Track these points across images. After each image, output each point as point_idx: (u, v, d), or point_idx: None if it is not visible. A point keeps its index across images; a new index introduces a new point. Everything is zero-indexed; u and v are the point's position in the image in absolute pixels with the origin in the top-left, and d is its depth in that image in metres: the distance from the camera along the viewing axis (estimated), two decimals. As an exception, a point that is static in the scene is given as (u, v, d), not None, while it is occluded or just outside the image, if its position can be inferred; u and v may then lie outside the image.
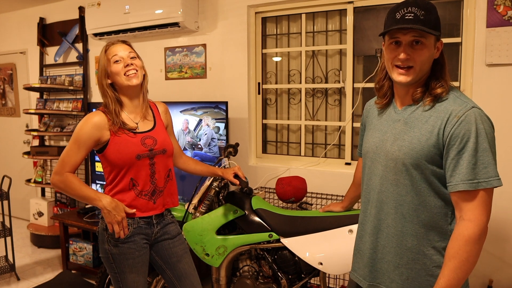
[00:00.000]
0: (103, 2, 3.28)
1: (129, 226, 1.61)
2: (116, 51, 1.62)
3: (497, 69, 2.24)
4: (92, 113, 1.61)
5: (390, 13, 1.17)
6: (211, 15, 3.09)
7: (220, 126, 2.81)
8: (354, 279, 1.36)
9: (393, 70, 1.18)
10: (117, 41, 1.67)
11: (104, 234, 1.62)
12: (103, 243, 1.63)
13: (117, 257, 1.61)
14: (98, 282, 2.30)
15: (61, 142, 4.11)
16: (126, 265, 1.62)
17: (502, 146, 2.25)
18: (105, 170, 1.66)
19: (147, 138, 1.64)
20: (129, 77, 1.60)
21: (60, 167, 1.57)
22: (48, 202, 3.77)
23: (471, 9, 2.32)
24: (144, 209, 1.65)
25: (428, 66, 1.17)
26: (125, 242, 1.60)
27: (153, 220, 1.68)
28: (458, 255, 1.07)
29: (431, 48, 1.14)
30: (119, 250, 1.60)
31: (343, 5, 2.72)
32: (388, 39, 1.18)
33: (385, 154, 1.22)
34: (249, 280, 2.03)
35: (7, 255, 3.19)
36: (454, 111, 1.11)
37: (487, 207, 1.09)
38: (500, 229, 2.30)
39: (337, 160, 2.87)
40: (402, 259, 1.20)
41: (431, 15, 1.12)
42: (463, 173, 1.08)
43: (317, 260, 1.88)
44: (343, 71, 2.81)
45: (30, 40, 4.19)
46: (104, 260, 1.65)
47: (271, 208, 2.02)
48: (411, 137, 1.16)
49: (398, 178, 1.19)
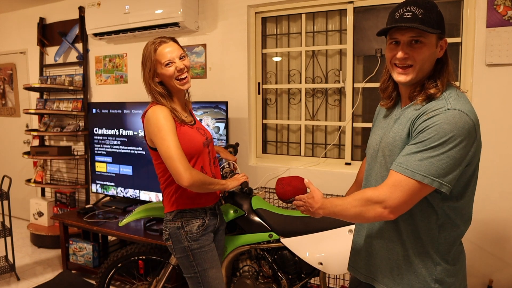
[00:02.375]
0: (103, 2, 3.28)
1: (204, 218, 1.64)
2: (167, 53, 1.57)
3: (497, 69, 2.24)
4: (157, 107, 1.55)
5: (390, 13, 1.18)
6: (211, 15, 3.09)
7: (220, 126, 2.81)
8: (351, 271, 1.39)
9: (393, 69, 1.19)
10: (165, 38, 1.61)
11: (179, 233, 1.61)
12: (179, 242, 1.61)
13: (197, 252, 1.60)
14: (98, 282, 2.30)
15: (61, 142, 4.11)
16: (207, 259, 1.62)
17: (502, 146, 2.25)
18: None
19: (199, 129, 1.67)
20: (182, 82, 1.60)
21: (184, 162, 1.48)
22: (48, 202, 3.77)
23: (471, 9, 2.32)
24: (211, 198, 1.68)
25: (429, 65, 1.15)
26: (203, 234, 1.62)
27: (216, 210, 1.72)
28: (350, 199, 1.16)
29: (431, 46, 1.13)
30: (199, 244, 1.60)
31: (343, 5, 2.72)
32: (389, 39, 1.19)
33: (378, 151, 1.25)
34: (249, 280, 2.03)
35: (7, 255, 3.19)
36: (430, 109, 1.09)
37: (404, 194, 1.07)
38: (500, 229, 2.30)
39: (337, 160, 2.87)
40: (393, 255, 1.22)
41: (431, 13, 1.11)
42: (401, 156, 1.10)
43: (317, 260, 1.88)
44: (343, 71, 2.81)
45: (30, 40, 4.19)
46: (184, 261, 1.62)
47: (271, 208, 2.03)
48: (394, 133, 1.18)
49: (387, 174, 1.19)
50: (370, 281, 1.30)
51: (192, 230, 1.60)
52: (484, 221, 2.32)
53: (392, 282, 1.22)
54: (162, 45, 1.58)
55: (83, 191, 3.93)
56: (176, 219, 1.62)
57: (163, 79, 1.60)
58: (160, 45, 1.58)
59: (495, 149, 2.24)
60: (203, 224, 1.64)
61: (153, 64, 1.58)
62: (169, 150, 1.48)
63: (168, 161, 1.49)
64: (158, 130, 1.50)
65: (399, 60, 1.14)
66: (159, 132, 1.50)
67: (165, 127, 1.50)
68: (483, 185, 2.31)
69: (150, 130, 1.54)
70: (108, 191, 3.35)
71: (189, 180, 1.48)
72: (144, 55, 1.61)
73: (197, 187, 1.53)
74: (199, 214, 1.64)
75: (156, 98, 1.59)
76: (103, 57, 3.74)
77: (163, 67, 1.57)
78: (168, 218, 1.64)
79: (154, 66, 1.58)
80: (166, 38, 1.61)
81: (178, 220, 1.61)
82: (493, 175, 2.25)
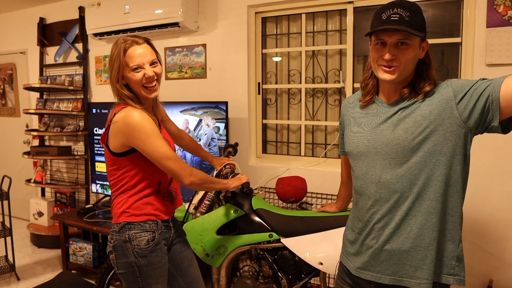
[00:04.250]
0: (103, 2, 3.28)
1: (154, 232, 1.50)
2: (137, 56, 1.43)
3: (497, 69, 2.24)
4: (133, 110, 1.43)
5: (376, 14, 1.19)
6: (211, 15, 3.10)
7: (220, 126, 2.81)
8: (373, 279, 1.38)
9: (378, 68, 1.21)
10: (139, 39, 1.46)
11: (126, 246, 1.47)
12: (125, 257, 1.47)
13: (144, 269, 1.47)
14: (98, 282, 2.30)
15: (61, 142, 4.11)
16: (153, 276, 1.49)
17: (502, 146, 2.25)
18: (126, 174, 1.49)
19: (165, 138, 1.53)
20: (149, 90, 1.47)
21: (182, 161, 1.44)
22: (48, 202, 3.77)
23: (471, 9, 2.32)
24: (167, 211, 1.57)
25: (412, 65, 1.20)
26: (153, 250, 1.49)
27: (170, 222, 1.60)
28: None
29: (416, 48, 1.17)
30: (147, 261, 1.48)
31: (343, 5, 2.73)
32: (374, 39, 1.21)
33: (386, 144, 1.22)
34: (249, 280, 2.03)
35: (7, 255, 3.19)
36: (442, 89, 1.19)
37: None
38: (500, 229, 2.30)
39: (337, 160, 2.87)
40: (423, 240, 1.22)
41: (416, 16, 1.14)
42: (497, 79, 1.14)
43: (317, 260, 1.88)
44: (343, 71, 2.81)
45: (30, 40, 4.19)
46: (127, 276, 1.49)
47: (271, 208, 2.03)
48: (412, 120, 1.19)
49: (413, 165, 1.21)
50: (397, 282, 1.23)
51: (140, 245, 1.46)
52: (484, 221, 2.32)
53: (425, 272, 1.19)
54: (133, 46, 1.43)
55: (83, 191, 3.93)
56: (123, 231, 1.47)
57: (129, 84, 1.47)
58: (131, 46, 1.43)
59: (495, 149, 2.24)
60: (153, 238, 1.49)
61: (121, 66, 1.43)
62: (165, 150, 1.42)
63: (167, 162, 1.42)
64: (147, 135, 1.40)
65: (386, 61, 1.18)
66: (148, 138, 1.40)
67: (154, 132, 1.41)
68: (483, 185, 2.32)
69: (133, 135, 1.40)
70: (108, 191, 3.34)
71: (191, 177, 1.44)
72: (112, 53, 1.45)
73: (198, 185, 1.50)
74: (149, 227, 1.49)
75: (126, 102, 1.47)
76: (103, 57, 3.74)
77: (130, 72, 1.44)
78: (114, 229, 1.50)
79: (121, 68, 1.44)
80: (139, 38, 1.46)
81: (126, 232, 1.47)
82: (493, 175, 2.26)
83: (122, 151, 1.46)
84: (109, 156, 1.51)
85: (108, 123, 1.48)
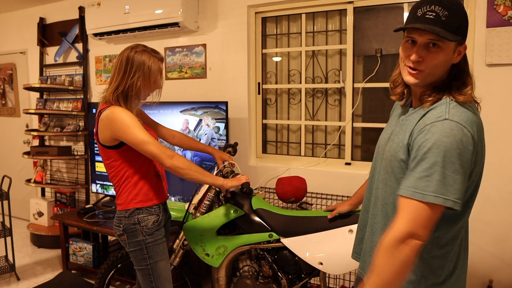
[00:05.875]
0: (103, 2, 3.28)
1: (158, 214, 1.74)
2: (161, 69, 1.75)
3: (497, 69, 2.24)
4: (117, 108, 1.63)
5: (413, 8, 1.08)
6: (211, 15, 3.10)
7: (220, 126, 2.81)
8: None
9: (403, 69, 1.13)
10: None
11: (135, 228, 1.69)
12: (135, 236, 1.69)
13: (151, 245, 1.70)
14: (98, 282, 2.30)
15: (61, 142, 4.11)
16: (159, 251, 1.72)
17: (502, 146, 2.25)
18: (124, 165, 1.69)
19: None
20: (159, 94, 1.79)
21: (161, 147, 1.59)
22: (48, 202, 3.77)
23: (471, 9, 2.32)
24: (164, 195, 1.81)
25: (441, 70, 1.08)
26: (158, 229, 1.73)
27: (166, 204, 1.85)
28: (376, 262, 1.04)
29: (448, 52, 1.06)
30: (153, 238, 1.71)
31: (343, 5, 2.73)
32: (406, 35, 1.10)
33: (383, 152, 1.23)
34: (249, 280, 2.03)
35: (7, 255, 3.19)
36: (428, 119, 1.04)
37: (413, 220, 0.99)
38: (500, 229, 2.30)
39: (337, 160, 2.88)
40: None
41: (455, 16, 1.02)
42: (408, 179, 1.03)
43: (317, 260, 1.88)
44: (343, 71, 2.81)
45: (30, 40, 4.19)
46: (136, 254, 1.71)
47: (271, 208, 2.02)
48: (399, 139, 1.14)
49: (387, 177, 1.18)
50: None
51: (148, 226, 1.70)
52: (484, 221, 2.32)
53: None
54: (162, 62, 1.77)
55: (83, 191, 3.93)
56: (132, 216, 1.70)
57: (146, 86, 1.70)
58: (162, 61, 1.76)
59: (495, 149, 2.24)
60: (158, 219, 1.74)
61: (157, 71, 1.71)
62: (144, 137, 1.57)
63: (147, 146, 1.57)
64: (127, 126, 1.58)
65: (412, 62, 1.08)
66: (128, 128, 1.58)
67: (134, 123, 1.59)
68: (483, 185, 2.31)
69: (116, 128, 1.59)
70: (108, 191, 3.35)
71: (172, 160, 1.57)
72: (143, 61, 1.68)
73: (183, 171, 1.60)
74: (154, 211, 1.74)
75: (119, 101, 1.66)
76: (103, 57, 3.74)
77: (161, 78, 1.75)
78: (123, 215, 1.71)
79: (155, 73, 1.70)
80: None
81: (135, 216, 1.70)
82: (493, 176, 2.25)
83: (113, 144, 1.65)
84: (103, 151, 1.70)
85: (97, 121, 1.69)
